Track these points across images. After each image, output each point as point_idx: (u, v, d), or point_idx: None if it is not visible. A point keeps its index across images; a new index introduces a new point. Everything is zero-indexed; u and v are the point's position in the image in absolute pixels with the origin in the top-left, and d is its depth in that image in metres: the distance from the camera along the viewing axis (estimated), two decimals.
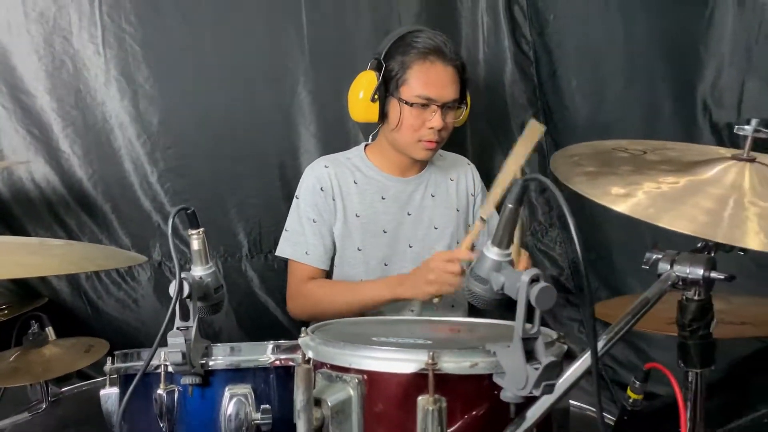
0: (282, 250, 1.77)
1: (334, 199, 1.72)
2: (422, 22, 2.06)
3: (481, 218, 1.47)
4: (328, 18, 2.06)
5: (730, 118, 1.95)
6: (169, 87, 1.98)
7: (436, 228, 1.77)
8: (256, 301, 2.07)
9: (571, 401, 1.22)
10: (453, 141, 2.02)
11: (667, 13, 2.02)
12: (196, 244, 1.03)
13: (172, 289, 0.93)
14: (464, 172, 1.88)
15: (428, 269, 1.48)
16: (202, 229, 1.04)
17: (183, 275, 0.94)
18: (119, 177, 1.98)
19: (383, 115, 1.67)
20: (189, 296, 0.95)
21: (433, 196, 1.79)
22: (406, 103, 1.62)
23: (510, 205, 0.77)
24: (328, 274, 1.77)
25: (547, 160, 2.18)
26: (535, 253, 2.19)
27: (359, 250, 1.71)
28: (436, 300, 1.51)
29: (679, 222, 0.87)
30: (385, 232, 1.73)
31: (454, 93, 1.65)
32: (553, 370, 0.71)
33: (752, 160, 1.04)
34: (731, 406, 1.39)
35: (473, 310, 1.86)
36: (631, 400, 1.05)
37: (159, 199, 2.00)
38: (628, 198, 0.90)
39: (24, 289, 1.96)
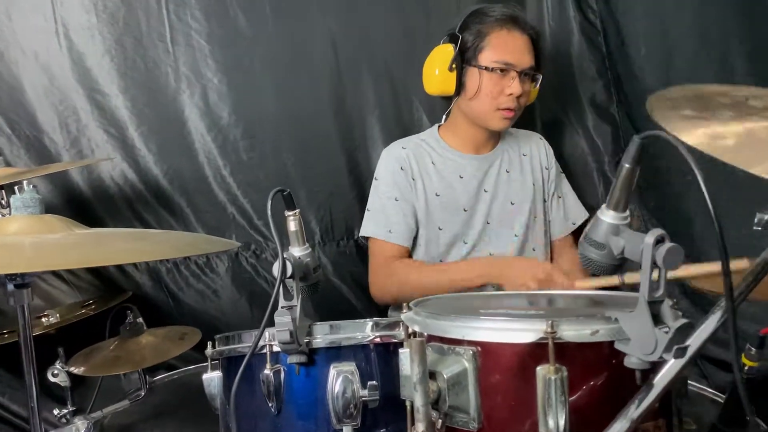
0: (365, 230, 1.78)
1: (414, 179, 1.72)
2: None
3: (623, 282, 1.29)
4: (388, 3, 2.04)
5: None
6: (236, 80, 2.01)
7: (512, 204, 1.76)
8: (330, 287, 2.07)
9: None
10: (522, 117, 1.99)
11: None
12: (293, 225, 1.04)
13: (276, 269, 0.94)
14: (536, 147, 1.87)
15: (535, 278, 1.46)
16: (297, 210, 1.05)
17: (285, 255, 0.94)
18: (193, 171, 2.02)
19: (460, 86, 1.67)
20: (291, 276, 0.95)
21: (508, 171, 1.78)
22: (486, 68, 1.63)
23: (627, 165, 0.75)
24: (410, 253, 1.76)
25: (620, 129, 2.12)
26: None
27: (440, 229, 1.71)
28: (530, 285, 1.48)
29: None
30: (465, 210, 1.72)
31: (531, 60, 1.67)
32: (685, 333, 0.68)
33: None
34: None
35: None
36: (746, 368, 1.01)
37: (232, 191, 2.03)
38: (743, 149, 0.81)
39: (107, 284, 2.03)
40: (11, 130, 1.95)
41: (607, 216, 0.77)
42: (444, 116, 1.83)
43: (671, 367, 0.71)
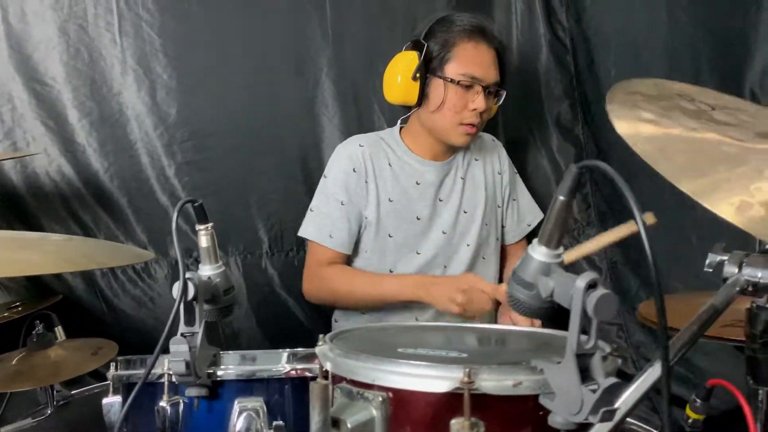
0: (305, 231, 1.72)
1: (366, 182, 1.66)
2: (453, 6, 1.98)
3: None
4: (353, 6, 1.99)
5: None
6: (187, 77, 1.93)
7: (465, 212, 1.71)
8: (277, 301, 2.00)
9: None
10: (484, 132, 1.94)
11: None
12: (204, 241, 0.94)
13: (176, 290, 0.84)
14: (489, 150, 1.82)
15: (459, 289, 1.44)
16: (210, 224, 0.95)
17: (188, 275, 0.85)
18: (136, 170, 1.93)
19: (422, 97, 1.61)
20: (195, 298, 0.85)
21: (462, 179, 1.72)
22: (451, 81, 1.56)
23: (561, 197, 0.66)
24: (349, 260, 1.71)
25: (584, 151, 2.07)
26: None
27: (390, 236, 1.65)
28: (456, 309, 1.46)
29: (728, 210, 0.70)
30: (418, 219, 1.66)
31: (497, 75, 1.62)
32: (614, 394, 0.60)
33: None
34: None
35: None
36: (690, 421, 0.93)
37: (177, 194, 1.94)
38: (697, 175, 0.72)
39: (38, 286, 1.92)
40: None
41: (537, 253, 0.68)
42: (399, 121, 1.78)
43: (598, 429, 0.63)
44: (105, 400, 1.01)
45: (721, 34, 1.93)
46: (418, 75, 1.58)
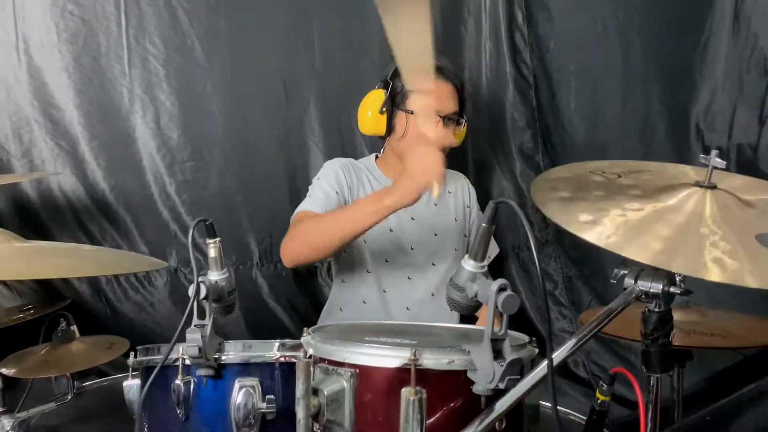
0: (300, 207, 1.80)
1: (350, 188, 1.82)
2: None
3: None
4: (338, 43, 2.19)
5: (721, 141, 2.03)
6: (188, 104, 2.12)
7: (436, 234, 1.88)
8: (265, 307, 2.18)
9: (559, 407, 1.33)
10: (455, 160, 2.14)
11: (664, 39, 2.11)
12: (212, 252, 1.16)
13: (191, 291, 1.06)
14: (461, 186, 2.00)
15: (413, 159, 1.50)
16: (218, 239, 1.17)
17: (201, 279, 1.06)
18: (140, 188, 2.12)
19: (390, 128, 1.81)
20: (206, 297, 1.07)
21: (435, 205, 1.91)
22: (410, 112, 1.76)
23: (484, 224, 0.89)
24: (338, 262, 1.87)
25: None
26: (530, 267, 2.28)
27: (365, 242, 1.81)
28: (435, 193, 1.48)
29: (638, 251, 0.93)
30: (391, 231, 1.84)
31: (454, 106, 1.80)
32: (516, 367, 0.83)
33: (713, 187, 1.14)
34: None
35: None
36: (599, 401, 1.16)
37: (176, 209, 2.13)
38: (595, 225, 0.97)
39: (48, 290, 2.10)
40: None
41: (468, 265, 0.91)
42: (382, 150, 1.95)
43: (509, 395, 0.85)
44: (126, 383, 1.22)
45: (669, 72, 2.13)
46: (384, 109, 1.79)
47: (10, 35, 2.03)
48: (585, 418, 1.26)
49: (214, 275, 1.14)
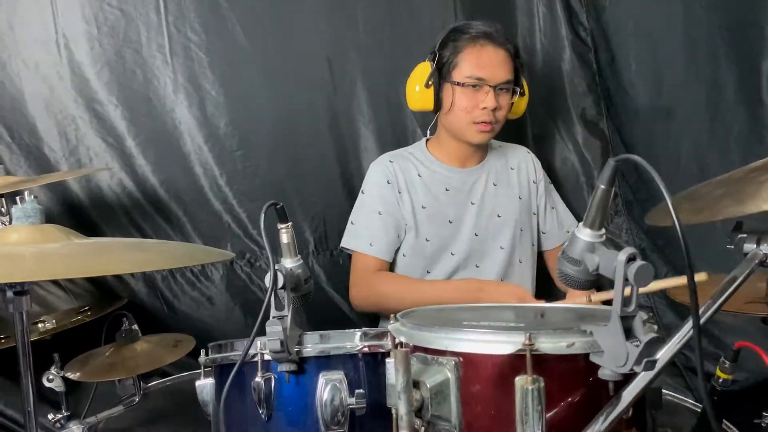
0: (346, 242, 1.82)
1: (400, 192, 1.76)
2: (478, 14, 2.07)
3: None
4: (383, 16, 2.10)
5: None
6: (233, 92, 2.05)
7: (499, 216, 1.80)
8: (324, 297, 2.10)
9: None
10: (512, 131, 2.04)
11: None
12: (285, 238, 1.07)
13: (268, 280, 0.97)
14: (525, 161, 1.90)
15: (515, 296, 1.52)
16: (290, 223, 1.08)
17: (277, 266, 0.98)
18: (190, 181, 2.05)
19: (438, 102, 1.72)
20: (283, 287, 0.99)
21: (495, 185, 1.81)
22: (458, 84, 1.67)
23: (602, 186, 0.79)
24: (392, 266, 1.80)
25: (609, 144, 2.17)
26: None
27: (427, 240, 1.74)
28: None
29: None
30: (450, 222, 1.76)
31: (506, 74, 1.69)
32: (654, 346, 0.72)
33: None
34: None
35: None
36: (720, 380, 1.04)
37: (228, 201, 2.06)
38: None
39: (103, 291, 2.06)
40: (11, 138, 1.98)
41: (583, 234, 0.80)
42: (428, 130, 1.88)
43: (640, 379, 0.75)
44: (198, 383, 1.15)
45: (737, 27, 1.98)
46: (430, 82, 1.71)
47: (50, 30, 1.97)
48: (688, 401, 1.15)
49: (289, 262, 1.06)
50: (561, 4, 2.15)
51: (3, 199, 1.67)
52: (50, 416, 1.50)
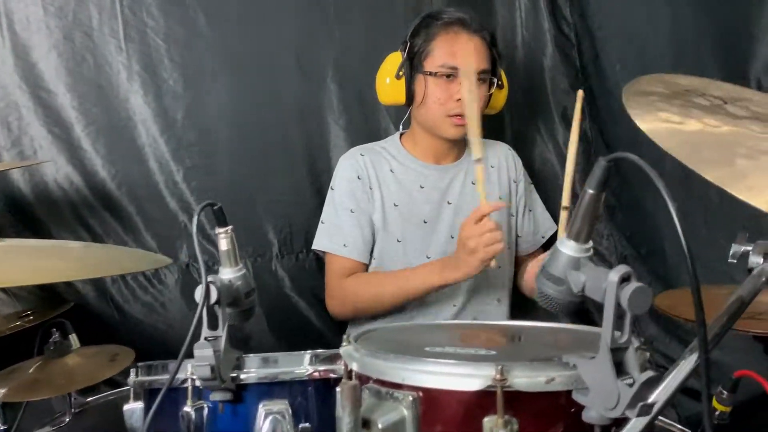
0: (319, 243, 1.71)
1: (371, 188, 1.66)
2: (454, 4, 1.96)
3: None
4: (356, 6, 1.99)
5: None
6: (193, 81, 1.93)
7: None
8: (288, 303, 2.00)
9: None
10: (491, 128, 1.93)
11: None
12: (224, 244, 0.94)
13: (198, 294, 0.84)
14: (505, 158, 1.81)
15: (464, 241, 1.42)
16: (230, 227, 0.95)
17: (210, 279, 0.84)
18: (144, 176, 1.93)
19: (410, 94, 1.63)
20: (217, 302, 0.85)
21: (473, 183, 1.70)
22: (430, 74, 1.58)
23: (590, 191, 0.66)
24: (367, 268, 1.70)
25: (592, 146, 2.07)
26: None
27: (399, 241, 1.65)
28: (493, 264, 1.44)
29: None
30: (425, 222, 1.66)
31: (482, 63, 1.60)
32: (651, 388, 0.59)
33: None
34: None
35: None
36: (717, 413, 0.93)
37: (185, 199, 1.94)
38: (723, 165, 0.72)
39: (49, 294, 1.92)
40: None
41: (566, 247, 0.67)
42: (401, 125, 1.79)
43: (634, 424, 0.62)
44: (126, 407, 1.00)
45: (724, 25, 1.93)
46: (401, 73, 1.61)
47: None
48: (676, 426, 1.03)
49: (228, 272, 0.92)
50: None
51: None
52: None
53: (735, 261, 0.87)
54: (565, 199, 1.36)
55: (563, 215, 1.38)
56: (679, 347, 1.96)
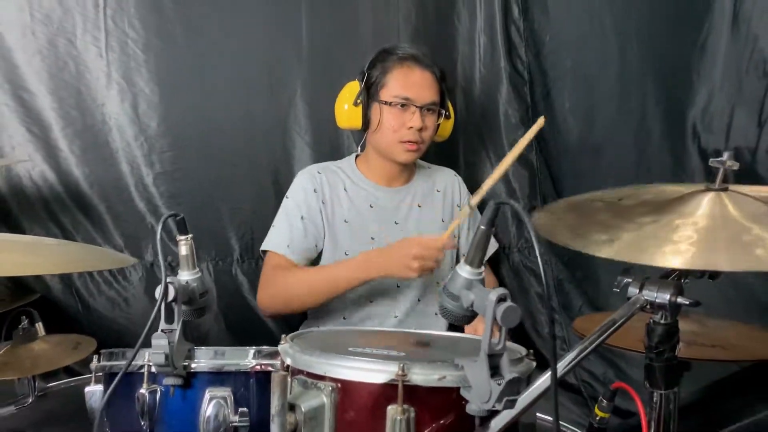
0: (266, 243, 1.79)
1: (323, 203, 1.77)
2: (420, 37, 2.11)
3: (469, 205, 1.55)
4: (327, 31, 2.10)
5: (719, 144, 1.98)
6: (168, 92, 2.02)
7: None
8: (245, 305, 2.09)
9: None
10: (444, 155, 2.07)
11: (661, 38, 2.05)
12: (184, 250, 1.07)
13: (158, 292, 0.97)
14: (451, 183, 1.93)
15: (410, 255, 1.53)
16: (190, 236, 1.08)
17: (169, 279, 0.97)
18: (115, 178, 2.02)
19: (366, 121, 1.75)
20: (174, 300, 0.98)
21: (419, 206, 1.83)
22: (385, 103, 1.70)
23: (482, 227, 0.81)
24: None
25: (537, 177, 2.22)
26: (521, 270, 2.22)
27: (346, 254, 1.74)
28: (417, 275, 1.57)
29: (671, 259, 0.89)
30: (372, 239, 1.77)
31: (432, 96, 1.73)
32: (515, 386, 0.75)
33: (725, 190, 1.07)
34: (705, 426, 1.43)
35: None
36: (598, 418, 1.08)
37: (154, 202, 2.04)
38: (612, 243, 0.92)
39: (17, 284, 2.00)
40: None
41: (463, 271, 0.83)
42: (359, 147, 1.90)
43: (504, 415, 0.77)
44: (87, 389, 1.12)
45: (666, 71, 2.06)
46: (359, 101, 1.74)
47: None
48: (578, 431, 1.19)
49: (186, 275, 1.05)
50: (502, 37, 2.19)
51: None
52: None
53: (618, 290, 1.04)
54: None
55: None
56: (603, 365, 2.09)
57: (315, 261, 1.79)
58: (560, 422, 1.33)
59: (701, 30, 2.01)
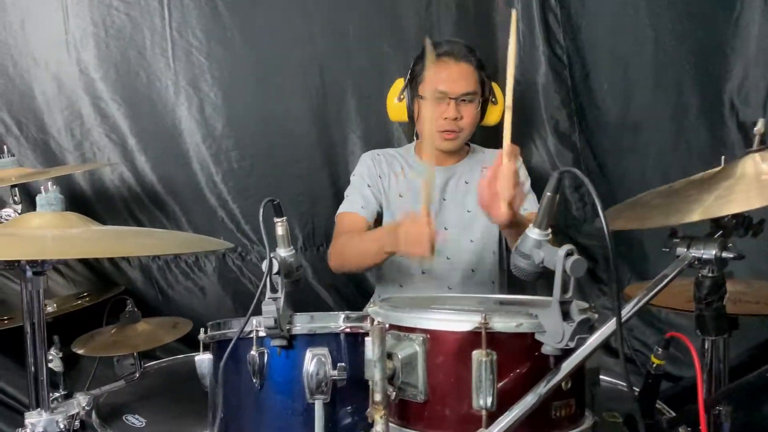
0: (341, 209, 1.93)
1: (380, 177, 1.92)
2: (461, 30, 2.22)
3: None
4: (372, 31, 2.23)
5: (756, 116, 2.04)
6: (231, 95, 2.19)
7: (469, 212, 1.92)
8: (309, 290, 2.25)
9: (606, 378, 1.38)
10: (491, 139, 2.18)
11: (695, 16, 2.14)
12: (280, 230, 1.22)
13: (265, 266, 1.12)
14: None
15: (401, 233, 1.53)
16: (284, 218, 1.23)
17: (272, 255, 1.12)
18: (187, 177, 2.20)
19: (410, 113, 1.90)
20: (278, 272, 1.13)
21: (466, 183, 1.95)
22: (422, 97, 1.83)
23: (548, 194, 0.94)
24: None
25: (580, 155, 2.30)
26: (564, 241, 2.32)
27: None
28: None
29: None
30: None
31: (467, 86, 1.82)
32: (585, 326, 0.87)
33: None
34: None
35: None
36: (654, 365, 1.20)
37: (223, 197, 2.20)
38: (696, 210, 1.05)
39: (101, 278, 2.20)
40: (20, 132, 2.13)
41: (533, 233, 0.96)
42: (414, 135, 2.03)
43: (576, 355, 0.90)
44: (197, 357, 1.28)
45: (701, 49, 2.15)
46: (403, 96, 1.90)
47: (60, 31, 2.11)
48: (637, 389, 1.30)
49: (283, 252, 1.20)
50: (540, 24, 2.26)
51: (16, 189, 1.80)
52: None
53: (668, 250, 1.15)
54: (508, 99, 1.44)
55: (507, 115, 1.46)
56: (654, 333, 2.21)
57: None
58: (615, 381, 1.45)
59: (734, 6, 2.09)
